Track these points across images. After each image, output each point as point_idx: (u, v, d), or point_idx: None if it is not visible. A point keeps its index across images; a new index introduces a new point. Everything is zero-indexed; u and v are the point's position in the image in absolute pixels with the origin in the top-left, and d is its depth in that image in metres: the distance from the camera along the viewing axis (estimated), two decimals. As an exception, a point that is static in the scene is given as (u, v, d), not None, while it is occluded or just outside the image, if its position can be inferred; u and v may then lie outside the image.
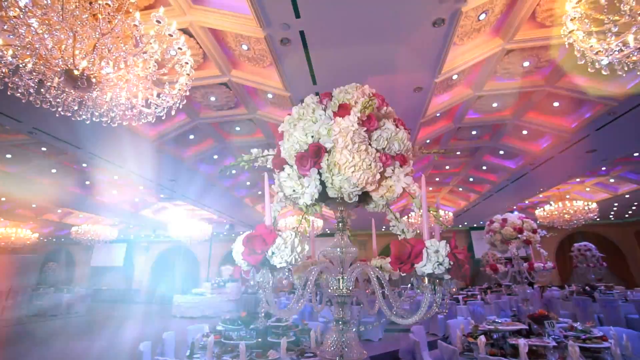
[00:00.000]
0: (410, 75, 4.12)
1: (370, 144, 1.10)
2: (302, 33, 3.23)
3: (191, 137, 5.90)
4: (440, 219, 1.04)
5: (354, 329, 1.17)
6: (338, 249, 1.23)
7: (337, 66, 3.83)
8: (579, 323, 3.85)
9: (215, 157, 6.82)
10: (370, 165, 1.06)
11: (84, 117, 2.87)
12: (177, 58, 2.71)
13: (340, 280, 1.20)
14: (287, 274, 0.97)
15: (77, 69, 2.43)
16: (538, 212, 10.79)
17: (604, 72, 2.81)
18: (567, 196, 10.74)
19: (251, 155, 1.35)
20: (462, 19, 3.22)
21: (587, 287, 9.39)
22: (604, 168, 8.49)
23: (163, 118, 3.16)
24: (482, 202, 10.97)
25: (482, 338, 3.42)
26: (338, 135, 1.05)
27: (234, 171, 1.61)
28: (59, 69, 2.45)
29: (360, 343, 1.20)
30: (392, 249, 0.94)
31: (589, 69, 2.81)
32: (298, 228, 1.08)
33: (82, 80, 2.50)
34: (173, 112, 3.17)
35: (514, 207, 12.58)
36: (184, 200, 9.25)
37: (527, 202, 12.17)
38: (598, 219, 10.70)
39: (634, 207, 12.48)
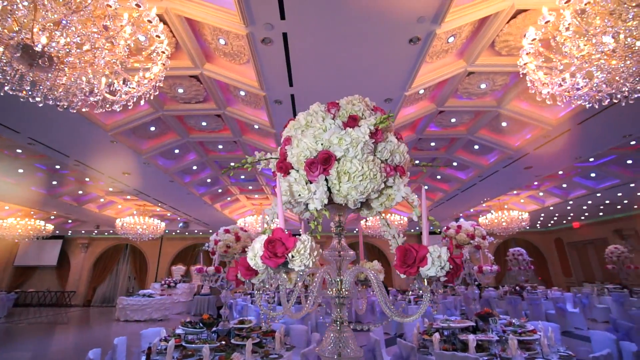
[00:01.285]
0: (382, 86, 4.32)
1: (375, 155, 1.18)
2: (285, 35, 3.24)
3: (152, 129, 5.54)
4: (396, 223, 1.16)
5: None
6: (336, 252, 1.29)
7: (315, 70, 3.90)
8: (515, 319, 4.34)
9: (177, 151, 6.48)
10: (375, 175, 1.14)
11: (37, 99, 2.59)
12: (155, 45, 2.57)
13: (339, 282, 1.25)
14: (301, 276, 1.00)
15: (38, 45, 2.20)
16: (481, 219, 11.90)
17: (548, 102, 3.24)
18: (505, 206, 11.99)
19: (255, 157, 1.35)
20: (434, 40, 3.47)
21: (517, 288, 10.56)
22: (535, 183, 9.64)
23: (130, 107, 2.96)
24: (434, 209, 11.77)
25: (437, 335, 3.71)
26: (349, 145, 1.11)
27: (231, 173, 1.56)
28: (13, 43, 2.19)
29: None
30: (397, 254, 1.02)
31: (537, 98, 3.22)
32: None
33: (44, 59, 2.26)
34: (142, 102, 2.99)
35: (461, 215, 13.73)
36: (136, 195, 8.61)
37: (472, 210, 13.31)
38: (528, 227, 12.09)
39: (555, 218, 14.31)
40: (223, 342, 3.63)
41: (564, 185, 10.25)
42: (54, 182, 7.96)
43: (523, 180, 8.54)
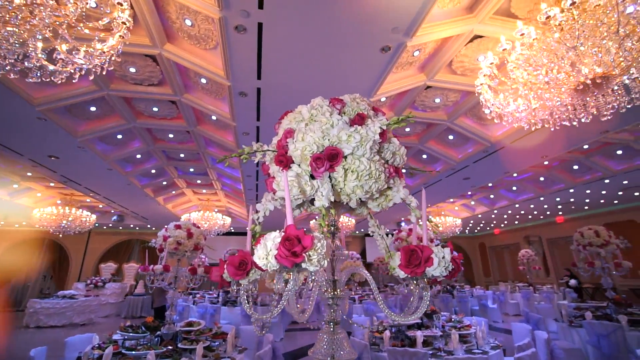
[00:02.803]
0: (349, 89, 4.34)
1: (380, 155, 1.19)
2: (260, 25, 3.12)
3: (92, 109, 4.89)
4: (344, 224, 1.20)
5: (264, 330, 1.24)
6: (331, 251, 1.27)
7: (286, 66, 3.82)
8: (454, 315, 4.76)
9: (120, 137, 5.81)
10: (380, 175, 1.15)
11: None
12: (116, 14, 2.27)
13: (333, 282, 1.24)
14: (313, 276, 0.96)
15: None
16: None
17: (496, 120, 3.62)
18: (442, 212, 13.14)
19: (251, 148, 1.26)
20: (403, 52, 3.66)
21: (448, 287, 11.64)
22: (469, 192, 10.73)
23: (74, 80, 2.59)
24: (380, 212, 12.39)
25: (387, 333, 3.90)
26: (359, 143, 1.11)
27: (226, 164, 1.41)
28: None
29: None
30: (402, 254, 1.04)
31: (489, 116, 3.59)
32: (323, 230, 1.06)
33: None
34: (91, 77, 2.64)
35: (402, 219, 14.68)
36: (63, 183, 7.50)
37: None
38: (459, 232, 13.42)
39: (481, 224, 16.11)
40: (169, 347, 3.35)
41: (492, 196, 11.60)
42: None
43: (461, 189, 9.44)
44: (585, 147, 7.03)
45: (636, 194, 9.74)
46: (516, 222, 15.25)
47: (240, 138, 5.43)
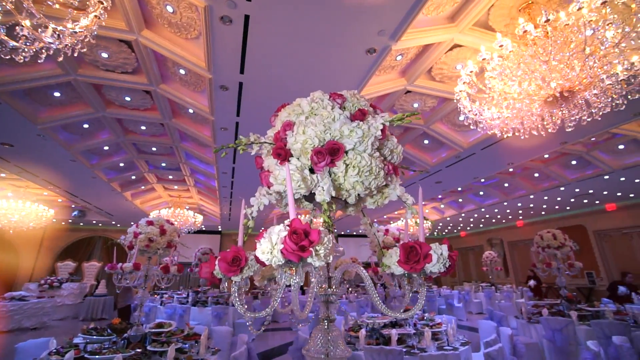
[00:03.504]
0: (332, 90, 4.41)
1: (379, 152, 1.19)
2: (247, 18, 3.05)
3: (57, 94, 4.52)
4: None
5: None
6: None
7: (271, 62, 3.76)
8: (426, 314, 4.92)
9: (87, 126, 5.42)
10: (380, 171, 1.16)
11: None
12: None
13: (328, 280, 1.22)
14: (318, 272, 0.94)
15: None
16: (393, 225, 13.18)
17: (472, 127, 3.79)
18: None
19: (248, 139, 1.22)
20: (387, 55, 3.73)
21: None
22: (440, 196, 11.17)
23: (40, 61, 2.40)
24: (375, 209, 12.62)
25: (363, 331, 3.95)
26: (361, 138, 1.11)
27: (223, 154, 1.31)
28: None
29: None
30: (401, 251, 1.05)
31: (465, 122, 3.74)
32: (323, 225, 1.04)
33: None
34: (60, 59, 2.45)
35: (375, 220, 14.97)
36: (17, 174, 6.86)
37: (385, 216, 14.64)
38: (427, 234, 13.94)
39: (449, 227, 16.83)
40: (138, 350, 3.17)
41: (460, 200, 12.14)
42: None
43: (432, 193, 9.79)
44: (546, 156, 7.57)
45: (585, 201, 10.63)
46: (481, 226, 16.09)
47: (218, 133, 5.26)
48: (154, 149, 6.48)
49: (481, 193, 10.97)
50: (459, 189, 10.26)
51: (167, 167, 7.71)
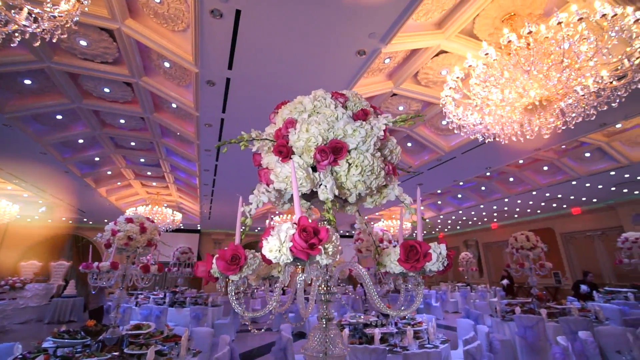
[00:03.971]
0: (322, 89, 4.42)
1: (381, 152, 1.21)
2: (238, 13, 3.00)
3: (28, 82, 4.24)
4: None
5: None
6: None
7: (260, 58, 3.72)
8: (408, 313, 5.02)
9: (60, 117, 5.13)
10: (381, 171, 1.17)
11: None
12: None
13: (328, 279, 1.22)
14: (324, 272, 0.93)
15: None
16: (374, 225, 13.38)
17: (456, 132, 3.91)
18: (393, 216, 13.83)
19: (250, 135, 1.20)
20: (376, 58, 3.78)
21: (396, 287, 12.29)
22: (420, 198, 11.44)
23: (13, 45, 2.26)
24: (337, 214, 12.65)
25: (347, 330, 3.98)
26: (364, 138, 1.11)
27: (225, 150, 1.26)
28: None
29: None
30: (401, 250, 1.06)
31: (449, 127, 3.86)
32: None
33: None
34: (37, 44, 2.32)
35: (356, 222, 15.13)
36: (-22, 166, 6.38)
37: (366, 217, 14.83)
38: (407, 236, 14.24)
39: (427, 229, 17.27)
40: (115, 353, 3.03)
41: (439, 202, 12.50)
42: None
43: (413, 195, 10.00)
44: (521, 162, 7.94)
45: (554, 205, 11.23)
46: (458, 227, 16.62)
47: (202, 129, 5.14)
48: (132, 143, 6.22)
49: (459, 196, 11.33)
50: (439, 191, 10.56)
51: (146, 163, 7.43)
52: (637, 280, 9.24)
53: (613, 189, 9.15)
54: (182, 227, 11.89)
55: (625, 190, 9.36)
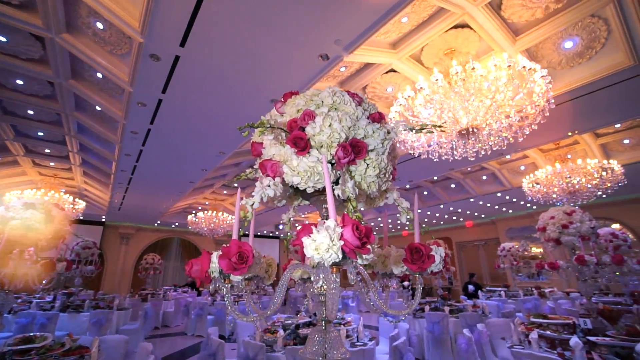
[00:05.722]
0: (276, 86, 4.31)
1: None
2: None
3: None
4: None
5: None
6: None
7: (219, 42, 3.43)
8: (338, 313, 5.22)
9: None
10: (390, 175, 1.22)
11: None
12: None
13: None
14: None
15: None
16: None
17: (400, 147, 4.26)
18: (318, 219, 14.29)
19: (268, 120, 1.11)
20: (337, 64, 3.89)
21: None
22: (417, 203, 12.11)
23: None
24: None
25: (281, 331, 3.94)
26: (383, 140, 1.15)
27: (245, 133, 1.08)
28: None
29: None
30: (407, 252, 1.12)
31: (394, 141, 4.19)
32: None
33: None
34: None
35: (280, 222, 15.15)
36: None
37: (302, 215, 14.96)
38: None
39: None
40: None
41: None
42: None
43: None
44: (435, 178, 9.10)
45: (454, 217, 13.18)
46: (424, 225, 17.99)
47: (133, 108, 4.46)
48: (30, 112, 5.01)
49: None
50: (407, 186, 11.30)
51: (45, 138, 6.07)
52: (506, 281, 11.55)
53: (497, 207, 11.21)
54: (82, 218, 10.02)
55: (504, 209, 11.57)
